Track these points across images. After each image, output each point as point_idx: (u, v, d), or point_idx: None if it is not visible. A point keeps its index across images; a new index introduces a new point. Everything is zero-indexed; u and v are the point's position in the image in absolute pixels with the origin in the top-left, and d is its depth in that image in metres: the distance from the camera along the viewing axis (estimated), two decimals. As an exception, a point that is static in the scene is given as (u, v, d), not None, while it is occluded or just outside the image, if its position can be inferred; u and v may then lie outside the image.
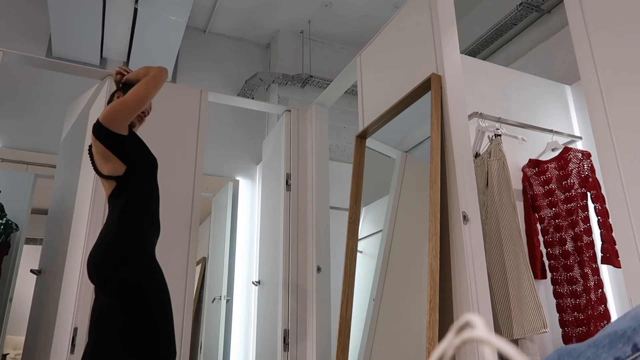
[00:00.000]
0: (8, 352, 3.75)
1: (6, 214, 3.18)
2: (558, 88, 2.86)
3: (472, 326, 0.39)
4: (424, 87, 1.98)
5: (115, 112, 1.72)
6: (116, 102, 1.76)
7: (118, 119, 1.72)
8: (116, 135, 1.73)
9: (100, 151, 1.73)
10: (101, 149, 1.72)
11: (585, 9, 1.69)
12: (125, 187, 1.74)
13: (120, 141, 1.74)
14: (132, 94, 1.74)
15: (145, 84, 1.76)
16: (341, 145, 4.31)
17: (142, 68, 1.87)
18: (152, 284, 1.68)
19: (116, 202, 1.73)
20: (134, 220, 1.72)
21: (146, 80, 1.77)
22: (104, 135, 1.72)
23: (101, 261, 1.65)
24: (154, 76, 1.78)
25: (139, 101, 1.74)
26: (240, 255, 3.98)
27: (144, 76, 1.82)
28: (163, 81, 1.81)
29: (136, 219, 1.73)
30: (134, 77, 1.89)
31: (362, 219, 2.35)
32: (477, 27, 3.92)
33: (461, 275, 1.68)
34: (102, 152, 1.73)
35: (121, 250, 1.66)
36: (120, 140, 1.74)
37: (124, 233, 1.69)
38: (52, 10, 3.42)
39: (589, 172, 2.30)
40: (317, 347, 2.72)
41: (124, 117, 1.73)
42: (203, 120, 2.89)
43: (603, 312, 2.09)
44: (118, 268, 1.64)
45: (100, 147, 1.72)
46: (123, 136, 1.75)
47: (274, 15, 4.38)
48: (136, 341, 1.58)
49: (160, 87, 1.80)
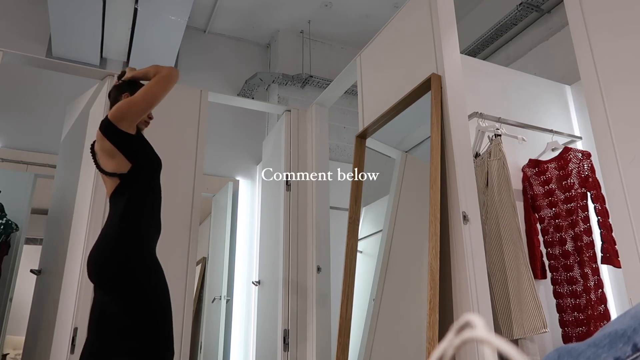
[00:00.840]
0: (8, 352, 3.76)
1: (6, 214, 3.18)
2: (558, 88, 2.86)
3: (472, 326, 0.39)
4: (424, 87, 1.98)
5: (124, 110, 1.72)
6: (125, 100, 1.75)
7: (127, 117, 1.72)
8: (124, 134, 1.72)
9: (107, 148, 1.72)
10: (108, 146, 1.71)
11: (585, 9, 1.69)
12: (129, 186, 1.73)
13: (128, 139, 1.74)
14: (142, 94, 1.73)
15: (156, 84, 1.74)
16: (341, 145, 4.31)
17: (151, 66, 1.84)
18: (153, 283, 1.68)
19: (118, 201, 1.73)
20: (136, 219, 1.71)
21: (156, 80, 1.76)
22: (111, 132, 1.71)
23: (102, 260, 1.65)
24: (164, 77, 1.76)
25: (148, 101, 1.73)
26: (240, 255, 3.98)
27: (154, 75, 1.80)
28: (173, 82, 1.79)
29: (139, 218, 1.72)
30: (142, 75, 1.87)
31: (362, 219, 2.35)
32: (477, 27, 3.92)
33: (461, 275, 1.68)
34: (109, 149, 1.72)
35: (123, 250, 1.66)
36: (127, 138, 1.73)
37: (126, 232, 1.68)
38: (52, 10, 3.42)
39: (589, 172, 2.30)
40: (317, 347, 2.72)
41: (133, 115, 1.73)
42: (203, 120, 2.89)
43: (603, 312, 2.09)
44: (119, 267, 1.63)
45: (107, 144, 1.71)
46: (131, 135, 1.75)
47: (274, 15, 4.38)
48: (136, 340, 1.58)
49: (170, 89, 1.78)
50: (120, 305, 1.60)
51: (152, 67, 1.84)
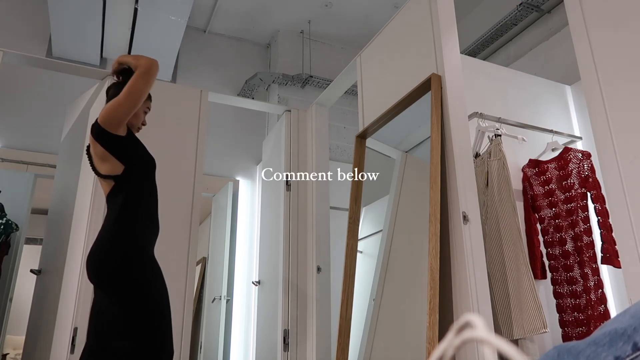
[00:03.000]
0: (8, 352, 3.75)
1: (6, 214, 3.18)
2: (558, 88, 2.86)
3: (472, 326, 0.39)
4: (424, 87, 1.98)
5: (111, 113, 1.72)
6: (111, 102, 1.75)
7: (115, 119, 1.72)
8: (114, 136, 1.73)
9: (99, 152, 1.74)
10: (100, 149, 1.73)
11: (585, 9, 1.69)
12: (123, 187, 1.74)
13: (118, 142, 1.74)
14: (125, 93, 1.72)
15: (137, 80, 1.72)
16: (341, 145, 4.31)
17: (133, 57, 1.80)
18: (150, 283, 1.68)
19: (114, 202, 1.74)
20: (132, 219, 1.72)
21: (137, 76, 1.73)
22: (102, 136, 1.72)
23: (100, 261, 1.65)
24: (143, 72, 1.73)
25: (133, 99, 1.72)
26: (240, 255, 3.98)
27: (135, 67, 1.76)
28: (155, 73, 1.76)
29: (135, 219, 1.73)
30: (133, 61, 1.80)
31: (362, 219, 2.35)
32: (477, 27, 3.92)
33: (461, 275, 1.68)
34: (101, 152, 1.73)
35: (119, 250, 1.66)
36: (118, 140, 1.74)
37: (122, 232, 1.69)
38: (52, 10, 3.42)
39: (589, 172, 2.30)
40: (317, 347, 2.72)
41: (121, 117, 1.72)
42: (203, 120, 2.89)
43: (603, 312, 2.09)
44: (116, 268, 1.64)
45: (99, 147, 1.73)
46: (121, 137, 1.75)
47: (274, 15, 4.38)
48: (135, 340, 1.58)
49: (152, 81, 1.75)
50: (118, 306, 1.61)
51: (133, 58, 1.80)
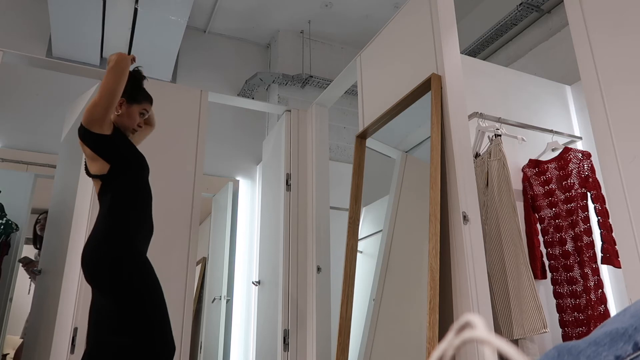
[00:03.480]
0: (8, 352, 3.75)
1: (6, 214, 3.18)
2: (558, 88, 2.86)
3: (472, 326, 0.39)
4: (424, 87, 1.98)
5: (90, 112, 1.75)
6: (90, 102, 1.79)
7: (94, 118, 1.74)
8: (96, 135, 1.76)
9: (87, 152, 1.79)
10: (87, 150, 1.78)
11: (585, 9, 1.69)
12: (110, 185, 1.78)
13: (102, 141, 1.77)
14: (100, 92, 1.75)
15: (108, 78, 1.75)
16: (341, 145, 4.31)
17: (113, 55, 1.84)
18: (141, 279, 1.70)
19: (103, 200, 1.79)
20: (120, 217, 1.75)
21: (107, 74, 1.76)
22: (86, 136, 1.76)
23: (91, 261, 1.69)
24: (112, 68, 1.76)
25: (107, 97, 1.74)
26: (240, 255, 3.98)
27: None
28: (124, 68, 1.78)
29: (123, 215, 1.76)
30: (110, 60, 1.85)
31: (362, 219, 2.35)
32: (477, 27, 3.92)
33: (461, 275, 1.68)
34: (89, 153, 1.79)
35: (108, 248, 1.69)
36: (101, 140, 1.77)
37: (111, 229, 1.72)
38: (52, 10, 3.42)
39: (589, 173, 2.30)
40: (317, 347, 2.72)
41: (99, 115, 1.74)
42: (203, 120, 2.89)
43: (603, 313, 2.09)
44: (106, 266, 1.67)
45: (87, 149, 1.78)
46: (105, 136, 1.78)
47: (274, 15, 4.38)
48: (130, 336, 1.60)
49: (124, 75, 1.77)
50: (114, 303, 1.63)
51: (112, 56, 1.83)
